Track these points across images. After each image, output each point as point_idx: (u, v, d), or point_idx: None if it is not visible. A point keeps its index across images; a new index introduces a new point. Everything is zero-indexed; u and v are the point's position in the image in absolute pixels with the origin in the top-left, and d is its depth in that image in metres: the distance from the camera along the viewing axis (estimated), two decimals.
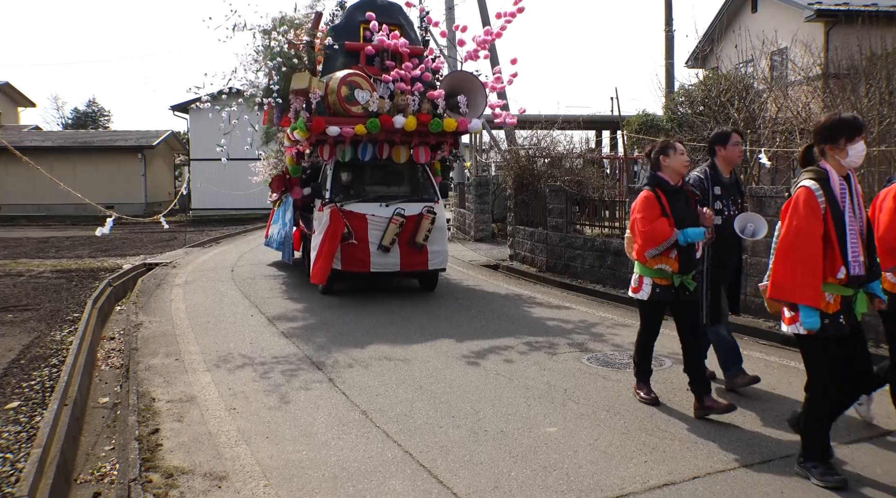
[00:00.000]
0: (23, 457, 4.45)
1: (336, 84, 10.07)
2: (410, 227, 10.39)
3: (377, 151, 10.94)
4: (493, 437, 4.96)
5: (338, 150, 10.83)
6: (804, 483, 4.19)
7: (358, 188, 11.03)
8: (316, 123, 10.06)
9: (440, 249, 10.71)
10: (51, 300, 10.33)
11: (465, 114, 10.86)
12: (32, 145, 31.67)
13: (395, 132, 10.50)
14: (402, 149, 11.01)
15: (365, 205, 10.52)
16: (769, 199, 8.40)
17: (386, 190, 11.24)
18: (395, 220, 10.28)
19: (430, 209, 10.57)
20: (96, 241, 20.12)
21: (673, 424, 5.20)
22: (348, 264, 10.30)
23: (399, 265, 10.39)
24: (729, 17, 22.35)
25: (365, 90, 10.24)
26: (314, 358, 7.19)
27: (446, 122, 10.59)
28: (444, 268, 10.98)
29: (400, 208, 10.43)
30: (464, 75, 11.20)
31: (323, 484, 4.23)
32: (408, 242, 10.39)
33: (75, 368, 6.24)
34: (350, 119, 10.17)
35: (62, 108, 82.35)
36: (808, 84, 12.99)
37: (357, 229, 10.26)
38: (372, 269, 10.33)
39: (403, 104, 10.47)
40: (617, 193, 16.09)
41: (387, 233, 10.25)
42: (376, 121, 10.16)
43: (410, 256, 10.44)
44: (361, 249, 10.27)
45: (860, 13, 14.80)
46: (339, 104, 10.07)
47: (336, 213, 10.23)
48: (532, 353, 7.37)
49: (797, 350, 7.38)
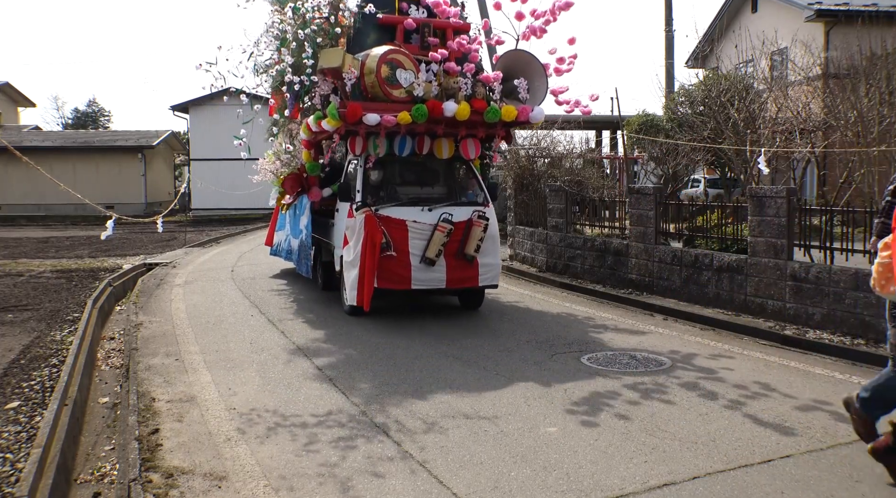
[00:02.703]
0: (23, 457, 4.45)
1: (375, 63, 8.43)
2: (458, 236, 8.77)
3: (416, 145, 9.36)
4: (493, 437, 4.96)
5: (370, 144, 9.10)
6: (804, 483, 4.19)
7: (391, 189, 9.54)
8: (351, 110, 8.35)
9: (492, 262, 9.06)
10: (51, 300, 10.32)
11: (526, 100, 9.16)
12: (32, 145, 31.69)
13: (439, 122, 8.91)
14: (446, 142, 9.43)
15: (404, 209, 8.86)
16: (769, 200, 8.40)
17: (426, 191, 9.71)
18: (442, 228, 8.63)
19: (480, 214, 8.93)
20: (96, 242, 20.12)
21: (673, 424, 5.20)
22: (385, 280, 8.59)
23: (445, 281, 8.77)
24: (729, 17, 22.36)
25: (408, 71, 8.64)
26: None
27: (505, 110, 8.95)
28: (497, 284, 9.29)
29: (447, 213, 8.77)
30: (522, 55, 9.30)
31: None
32: (455, 254, 8.79)
33: (75, 368, 6.24)
34: (391, 105, 8.56)
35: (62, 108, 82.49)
36: (808, 84, 13.00)
37: (396, 239, 8.60)
38: (413, 285, 8.70)
39: (454, 88, 8.81)
40: (617, 193, 16.09)
41: (431, 243, 8.61)
42: (423, 107, 8.51)
43: (458, 269, 8.82)
44: (401, 263, 8.63)
45: (860, 13, 14.83)
46: (379, 87, 8.46)
47: (372, 219, 8.52)
48: (532, 352, 7.37)
49: (797, 350, 7.44)
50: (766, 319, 8.39)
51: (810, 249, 8.43)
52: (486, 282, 9.04)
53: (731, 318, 8.65)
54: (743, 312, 8.73)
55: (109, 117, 59.40)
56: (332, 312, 9.47)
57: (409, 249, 8.64)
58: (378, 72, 8.42)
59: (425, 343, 7.80)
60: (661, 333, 8.34)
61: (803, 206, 8.63)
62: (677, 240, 10.40)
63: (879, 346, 7.11)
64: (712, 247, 9.60)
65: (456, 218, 8.77)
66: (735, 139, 12.74)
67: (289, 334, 8.27)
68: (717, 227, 9.72)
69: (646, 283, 10.39)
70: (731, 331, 8.35)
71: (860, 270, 7.45)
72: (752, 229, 8.64)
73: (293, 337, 8.12)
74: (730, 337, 8.13)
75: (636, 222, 10.62)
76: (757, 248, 8.57)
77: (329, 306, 9.93)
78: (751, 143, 12.31)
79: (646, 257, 10.41)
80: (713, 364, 6.91)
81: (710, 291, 9.28)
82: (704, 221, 10.10)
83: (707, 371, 6.65)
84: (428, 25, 9.27)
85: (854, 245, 7.73)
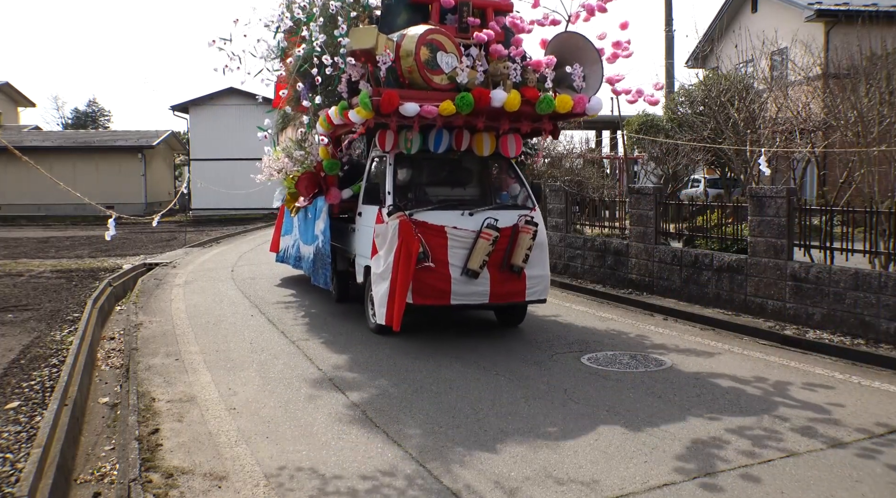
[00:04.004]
0: (23, 457, 4.45)
1: (413, 44, 7.35)
2: (503, 245, 7.70)
3: (454, 140, 8.28)
4: (493, 437, 4.96)
5: (402, 139, 8.02)
6: (804, 483, 4.19)
7: (420, 190, 8.54)
8: (387, 98, 7.22)
9: (541, 274, 7.98)
10: (51, 300, 10.32)
11: (581, 89, 8.02)
12: (32, 145, 31.70)
13: (479, 115, 7.84)
14: (488, 137, 8.35)
15: (441, 214, 7.77)
16: (769, 200, 8.40)
17: (457, 193, 8.74)
18: (487, 235, 7.53)
19: (528, 219, 7.88)
20: (96, 242, 20.13)
21: (673, 424, 5.20)
22: (421, 295, 7.49)
23: (488, 295, 7.71)
24: (729, 17, 22.36)
25: (450, 54, 7.53)
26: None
27: (559, 100, 7.81)
28: (545, 298, 8.20)
29: (491, 218, 7.71)
30: (574, 38, 8.17)
31: None
32: (500, 265, 7.75)
33: (75, 368, 6.24)
34: (431, 93, 7.51)
35: (62, 108, 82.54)
36: (808, 84, 13.01)
37: (433, 248, 7.55)
38: (453, 301, 7.61)
39: (503, 74, 7.69)
40: (617, 193, 16.09)
41: (474, 252, 7.55)
42: (469, 96, 7.41)
43: (504, 282, 7.75)
44: (439, 275, 7.54)
45: (860, 13, 14.82)
46: (418, 72, 7.39)
47: (408, 225, 7.43)
48: (532, 352, 7.37)
49: (797, 350, 7.44)
50: (766, 319, 8.39)
51: (810, 249, 8.43)
52: (533, 296, 7.97)
53: (731, 318, 8.65)
54: (743, 312, 8.73)
55: (109, 117, 59.47)
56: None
57: (448, 259, 7.58)
58: (417, 54, 7.32)
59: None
60: (662, 333, 8.34)
61: (803, 206, 8.63)
62: (677, 240, 10.40)
63: (879, 346, 7.11)
64: (712, 247, 9.61)
65: (501, 224, 7.69)
66: (735, 139, 12.75)
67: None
68: (717, 227, 9.73)
69: (646, 283, 10.39)
70: (731, 331, 8.35)
71: (860, 270, 7.46)
72: (752, 229, 8.65)
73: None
74: (730, 337, 8.13)
75: (636, 222, 10.62)
76: (757, 248, 8.57)
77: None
78: (751, 143, 12.31)
79: (646, 257, 10.41)
80: (713, 364, 6.91)
81: (710, 291, 9.28)
82: (704, 221, 10.10)
83: (707, 371, 6.65)
84: (467, 4, 8.15)
85: (854, 245, 7.74)
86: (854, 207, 8.42)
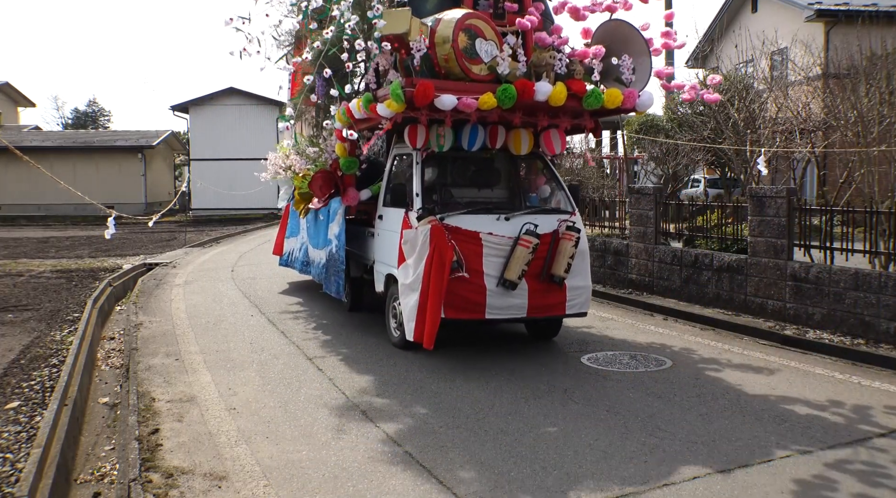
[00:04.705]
0: (23, 457, 4.45)
1: (450, 30, 6.64)
2: (543, 253, 7.01)
3: (488, 137, 7.54)
4: (493, 437, 4.96)
5: (433, 135, 7.25)
6: (804, 483, 4.19)
7: (445, 191, 7.86)
8: (422, 89, 6.46)
9: (583, 285, 7.30)
10: (51, 300, 10.32)
11: (631, 83, 7.30)
12: (32, 145, 31.68)
13: (516, 110, 7.11)
14: (526, 134, 7.62)
15: (474, 218, 7.04)
16: (769, 200, 8.40)
17: (484, 194, 8.05)
18: (526, 242, 6.82)
19: (569, 224, 7.23)
20: (96, 242, 20.13)
21: (673, 424, 5.20)
22: (454, 308, 6.77)
23: (526, 308, 6.99)
24: (729, 17, 22.36)
25: (490, 41, 6.84)
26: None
27: (608, 95, 7.09)
28: (586, 311, 7.47)
29: (530, 224, 6.99)
30: (622, 27, 7.50)
31: (323, 484, 4.23)
32: (539, 275, 7.04)
33: (75, 368, 6.24)
34: (469, 85, 6.79)
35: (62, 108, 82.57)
36: (808, 84, 13.01)
37: (467, 256, 6.83)
38: (488, 314, 6.88)
39: (547, 65, 7.05)
40: (617, 193, 16.09)
41: (512, 261, 6.83)
42: (511, 88, 6.70)
43: (543, 294, 7.04)
44: (474, 286, 6.81)
45: (860, 13, 14.84)
46: (455, 61, 6.68)
47: (441, 231, 6.73)
48: (532, 352, 7.36)
49: (797, 350, 7.44)
50: (766, 319, 8.39)
51: (810, 249, 8.43)
52: (574, 309, 7.26)
53: (731, 318, 8.65)
54: (743, 312, 8.74)
55: (109, 117, 59.43)
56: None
57: (483, 268, 6.86)
58: (455, 41, 6.60)
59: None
60: (661, 333, 8.34)
61: (803, 206, 8.63)
62: (677, 240, 10.41)
63: (879, 346, 7.12)
64: (712, 247, 9.61)
65: (540, 229, 7.00)
66: (735, 139, 12.75)
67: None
68: (717, 227, 9.73)
69: (646, 283, 10.39)
70: (731, 331, 8.36)
71: (860, 270, 7.46)
72: (752, 229, 8.65)
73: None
74: (730, 337, 8.13)
75: (636, 222, 10.62)
76: (757, 248, 8.57)
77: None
78: (751, 143, 12.32)
79: (646, 257, 10.41)
80: (713, 364, 6.91)
81: (710, 291, 9.28)
82: (704, 221, 10.10)
83: (707, 371, 6.65)
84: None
85: (854, 245, 7.74)
86: (854, 207, 8.42)
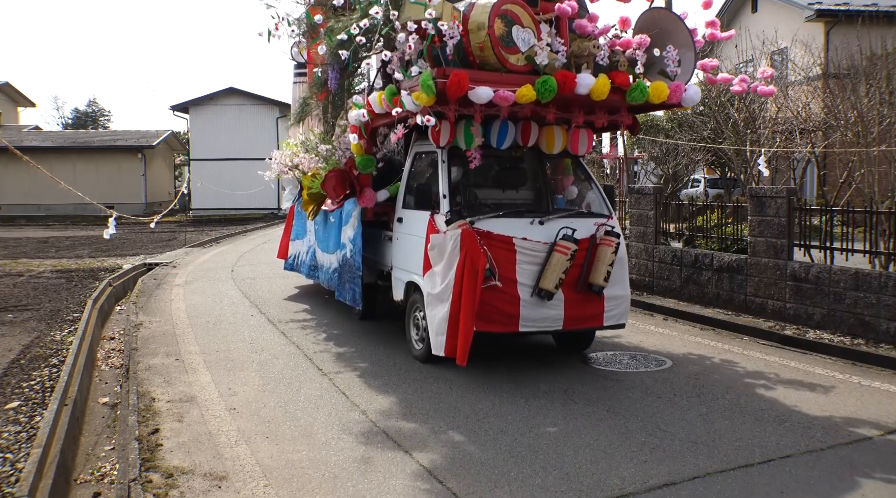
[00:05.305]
0: (23, 457, 4.45)
1: (485, 15, 6.07)
2: (581, 260, 6.49)
3: (520, 134, 7.02)
4: (493, 436, 4.96)
5: (463, 132, 6.63)
6: (804, 483, 4.19)
7: (469, 193, 7.35)
8: (456, 80, 5.83)
9: (622, 295, 6.80)
10: (51, 300, 10.32)
11: (676, 76, 6.72)
12: (32, 145, 31.69)
13: (549, 104, 6.49)
14: (559, 132, 7.03)
15: (506, 222, 6.49)
16: (769, 200, 8.40)
17: (519, 196, 7.55)
18: (563, 249, 6.30)
19: (608, 229, 6.72)
20: (96, 242, 20.13)
21: (673, 424, 5.20)
22: (486, 320, 6.23)
23: (562, 320, 6.47)
24: (729, 17, 22.36)
25: (527, 29, 6.25)
26: None
27: (654, 88, 6.51)
28: (625, 323, 6.98)
29: (566, 228, 6.47)
30: (664, 16, 6.97)
31: (323, 484, 4.24)
32: (578, 284, 6.53)
33: (75, 368, 6.24)
34: (506, 76, 6.19)
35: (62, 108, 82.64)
36: (808, 84, 13.02)
37: (500, 263, 6.27)
38: (521, 327, 6.35)
39: (589, 54, 6.50)
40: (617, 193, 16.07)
41: (549, 269, 6.31)
42: (552, 80, 6.09)
43: (580, 305, 6.54)
44: (507, 296, 6.26)
45: (860, 13, 14.83)
46: (492, 49, 6.10)
47: (472, 237, 6.17)
48: (532, 352, 7.36)
49: (797, 350, 7.44)
50: (766, 319, 8.39)
51: (810, 249, 8.43)
52: (612, 320, 6.77)
53: (731, 318, 8.65)
54: (743, 312, 8.74)
55: (109, 117, 59.51)
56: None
57: (516, 277, 6.33)
58: (491, 28, 6.04)
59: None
60: (661, 333, 8.34)
61: (803, 207, 8.64)
62: (677, 240, 10.41)
63: (879, 346, 7.12)
64: (712, 247, 9.61)
65: (577, 234, 6.49)
66: (735, 139, 12.76)
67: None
68: (717, 227, 9.73)
69: (646, 282, 10.39)
70: (731, 331, 8.36)
71: (860, 270, 7.46)
72: (752, 229, 8.65)
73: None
74: (730, 337, 8.13)
75: (636, 222, 10.63)
76: (757, 248, 8.57)
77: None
78: (751, 143, 12.33)
79: (646, 257, 10.41)
80: (713, 364, 6.92)
81: (710, 291, 9.28)
82: (704, 221, 10.11)
83: (707, 371, 6.65)
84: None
85: (854, 245, 7.74)
86: (854, 207, 8.42)
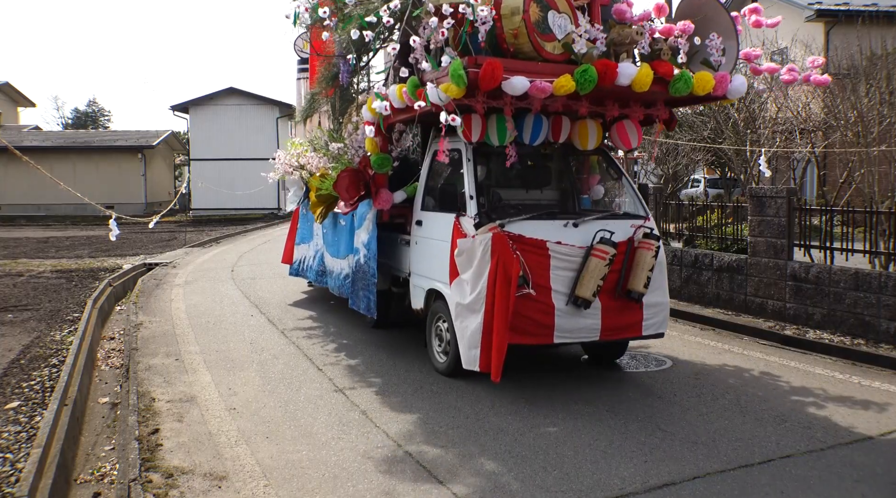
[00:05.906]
0: (23, 457, 4.45)
1: (520, 1, 5.58)
2: (619, 265, 6.02)
3: (551, 130, 6.46)
4: (493, 436, 4.96)
5: (496, 127, 6.05)
6: (804, 483, 4.19)
7: (494, 193, 6.85)
8: (489, 69, 5.27)
9: (661, 302, 6.33)
10: (51, 300, 10.32)
11: (720, 66, 6.20)
12: (32, 145, 31.72)
13: (582, 97, 5.99)
14: (594, 126, 6.54)
15: (538, 224, 5.99)
16: (769, 200, 8.40)
17: (543, 196, 7.11)
18: (601, 253, 5.83)
19: (647, 232, 6.26)
20: (96, 242, 20.13)
21: (673, 424, 5.20)
22: (520, 332, 5.71)
23: (599, 330, 5.99)
24: None
25: (563, 14, 5.76)
26: None
27: (698, 79, 5.91)
28: (664, 332, 6.45)
29: (604, 231, 6.00)
30: (706, 1, 6.33)
31: (323, 484, 4.24)
32: (615, 291, 6.08)
33: (75, 368, 6.24)
34: (541, 65, 5.64)
35: (62, 108, 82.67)
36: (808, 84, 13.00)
37: (533, 269, 5.77)
38: (556, 338, 5.86)
39: (631, 41, 5.95)
40: None
41: (585, 275, 5.83)
42: (592, 70, 5.49)
43: (617, 313, 6.07)
44: (541, 305, 5.78)
45: (860, 13, 14.83)
46: (527, 36, 5.58)
47: (504, 241, 5.69)
48: (532, 352, 7.36)
49: (797, 350, 7.44)
50: (766, 319, 8.39)
51: (810, 249, 8.43)
52: (651, 330, 6.27)
53: (731, 318, 8.65)
54: (743, 312, 8.74)
55: (109, 117, 59.49)
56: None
57: (550, 284, 5.83)
58: (526, 13, 5.58)
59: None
60: None
61: (803, 207, 8.64)
62: (677, 240, 10.41)
63: (879, 346, 7.12)
64: (712, 247, 9.61)
65: (614, 237, 5.98)
66: (735, 139, 12.76)
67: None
68: (717, 227, 9.73)
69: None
70: (731, 331, 8.36)
71: (860, 270, 7.46)
72: (752, 229, 8.65)
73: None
74: (730, 337, 8.13)
75: None
76: (757, 248, 8.57)
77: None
78: (751, 143, 12.33)
79: None
80: (713, 364, 6.92)
81: (710, 291, 9.28)
82: (704, 221, 10.11)
83: (707, 371, 6.65)
84: None
85: (854, 245, 7.74)
86: (854, 207, 8.42)
